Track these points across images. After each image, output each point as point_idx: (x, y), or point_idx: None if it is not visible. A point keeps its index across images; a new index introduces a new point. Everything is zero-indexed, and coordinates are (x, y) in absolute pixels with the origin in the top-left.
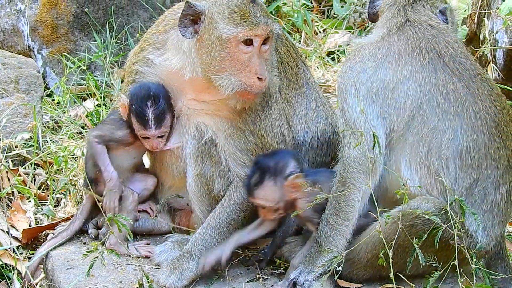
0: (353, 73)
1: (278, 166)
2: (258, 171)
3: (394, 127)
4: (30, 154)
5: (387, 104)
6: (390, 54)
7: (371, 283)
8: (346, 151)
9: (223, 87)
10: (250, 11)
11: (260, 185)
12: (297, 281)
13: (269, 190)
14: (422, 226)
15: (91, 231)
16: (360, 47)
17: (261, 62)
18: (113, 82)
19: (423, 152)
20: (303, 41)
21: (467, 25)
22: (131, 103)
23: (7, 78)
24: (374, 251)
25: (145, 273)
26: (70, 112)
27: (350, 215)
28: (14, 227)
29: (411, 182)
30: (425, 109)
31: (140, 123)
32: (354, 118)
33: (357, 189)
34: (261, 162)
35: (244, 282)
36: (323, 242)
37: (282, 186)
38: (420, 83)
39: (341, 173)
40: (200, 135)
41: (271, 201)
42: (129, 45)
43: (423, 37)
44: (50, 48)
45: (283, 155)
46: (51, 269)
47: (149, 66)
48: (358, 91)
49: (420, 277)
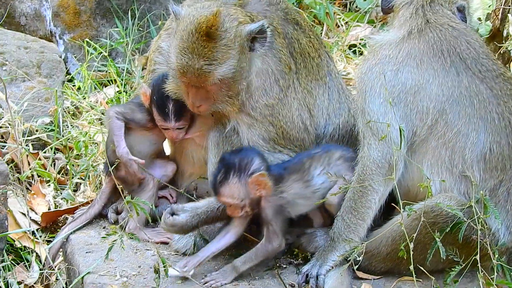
0: (373, 75)
1: (242, 163)
2: (223, 168)
3: (416, 132)
4: (50, 138)
5: (409, 108)
6: (411, 57)
7: (389, 275)
8: (365, 152)
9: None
10: (189, 47)
11: (225, 182)
12: (309, 274)
13: (234, 187)
14: (443, 224)
15: (111, 216)
16: (379, 46)
17: (197, 93)
18: (134, 69)
19: (446, 156)
20: (324, 34)
21: (491, 21)
22: (153, 94)
23: (29, 62)
24: (394, 245)
25: (162, 258)
26: (90, 98)
27: (366, 216)
28: (34, 211)
29: (432, 184)
30: (448, 113)
31: (160, 115)
32: (375, 120)
33: (375, 191)
34: (226, 159)
35: (263, 271)
36: (337, 238)
37: (246, 183)
38: (443, 88)
39: (360, 174)
40: (222, 125)
41: (236, 199)
42: (150, 32)
43: (444, 39)
44: (72, 34)
45: (248, 152)
46: (70, 252)
47: (163, 54)
48: (379, 94)
49: (438, 272)
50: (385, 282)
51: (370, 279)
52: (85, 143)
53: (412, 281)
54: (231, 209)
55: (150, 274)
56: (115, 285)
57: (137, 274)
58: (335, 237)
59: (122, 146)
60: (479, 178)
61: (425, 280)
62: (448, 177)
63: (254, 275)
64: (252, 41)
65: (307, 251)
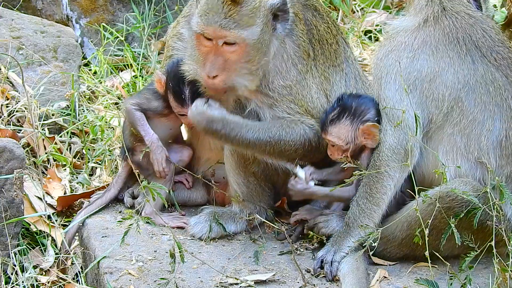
0: (388, 61)
1: (359, 109)
2: (339, 108)
3: (432, 119)
4: (66, 122)
5: (425, 96)
6: (426, 45)
7: (404, 261)
8: (381, 138)
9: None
10: (214, 8)
11: (337, 122)
12: (324, 259)
13: (344, 129)
14: (459, 209)
15: (127, 200)
16: (396, 33)
17: (215, 60)
18: (150, 54)
19: (462, 143)
20: (340, 20)
21: (506, 7)
22: (168, 80)
23: (45, 46)
24: (409, 231)
25: (178, 243)
26: (106, 83)
27: (381, 201)
28: (49, 195)
29: (447, 170)
30: (464, 101)
31: (177, 101)
32: (390, 106)
33: (390, 177)
34: (344, 100)
35: (277, 254)
36: (352, 223)
37: (357, 129)
38: (458, 75)
39: (375, 160)
40: (240, 108)
41: (342, 140)
42: (167, 17)
43: (460, 27)
44: (88, 18)
45: (367, 101)
46: (86, 236)
47: (182, 40)
48: (394, 80)
49: (454, 258)
50: (400, 267)
51: (385, 265)
52: (101, 127)
53: (428, 267)
54: (333, 150)
55: (166, 259)
56: (131, 269)
57: (153, 258)
58: (350, 222)
59: (151, 133)
60: (495, 164)
61: (440, 265)
62: (464, 163)
63: (270, 260)
64: (274, 19)
65: (323, 233)
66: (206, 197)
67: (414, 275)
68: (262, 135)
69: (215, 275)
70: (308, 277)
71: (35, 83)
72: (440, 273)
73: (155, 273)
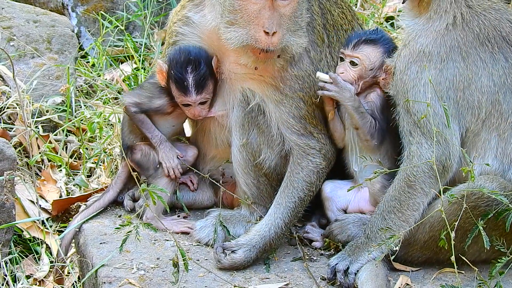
0: (412, 74)
1: (391, 44)
2: (378, 34)
3: (470, 128)
4: (62, 119)
5: (460, 105)
6: (455, 51)
7: (427, 266)
8: (415, 152)
9: (229, 40)
10: None
11: (373, 44)
12: (336, 268)
13: (377, 53)
14: (485, 208)
15: (127, 203)
16: (416, 36)
17: (272, 15)
18: (153, 44)
19: (497, 145)
20: (360, 5)
21: None
22: (170, 69)
23: (38, 37)
24: (432, 233)
25: (181, 250)
26: (105, 76)
27: (411, 218)
28: (44, 198)
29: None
30: (502, 103)
31: (180, 90)
32: (424, 120)
33: (425, 194)
34: (379, 30)
35: (290, 261)
36: (373, 237)
37: (384, 60)
38: (493, 77)
39: (409, 175)
40: (246, 102)
41: (367, 62)
42: (171, 4)
43: (489, 25)
44: (86, 6)
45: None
46: (83, 243)
47: (189, 25)
48: (423, 93)
49: (481, 263)
50: (424, 273)
51: (408, 271)
52: (99, 124)
53: (454, 272)
54: (349, 73)
55: (169, 266)
56: (131, 278)
57: (155, 266)
58: (371, 235)
59: (158, 135)
60: None
61: (467, 271)
62: (498, 165)
63: (282, 267)
64: None
65: (339, 240)
66: (213, 199)
67: (439, 281)
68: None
69: (222, 284)
70: (324, 286)
71: (27, 77)
72: (467, 279)
73: (157, 283)
